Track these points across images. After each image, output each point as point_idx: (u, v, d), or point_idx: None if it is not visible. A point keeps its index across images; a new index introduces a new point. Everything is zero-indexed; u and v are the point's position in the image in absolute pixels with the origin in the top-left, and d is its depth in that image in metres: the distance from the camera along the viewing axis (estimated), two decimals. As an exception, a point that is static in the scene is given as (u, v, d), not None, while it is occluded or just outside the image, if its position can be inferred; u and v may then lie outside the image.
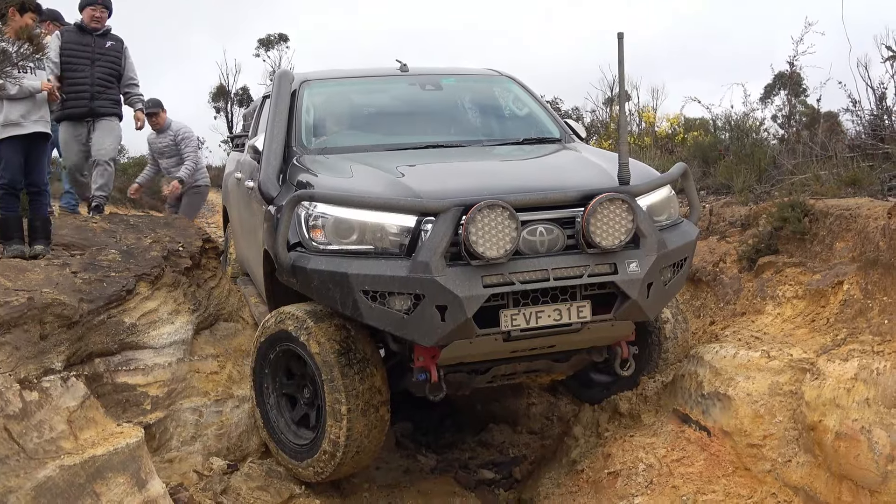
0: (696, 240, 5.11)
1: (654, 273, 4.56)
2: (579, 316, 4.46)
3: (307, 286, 4.62)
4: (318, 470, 4.88)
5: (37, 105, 5.58)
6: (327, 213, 4.59)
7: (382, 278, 4.33)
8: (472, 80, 7.05)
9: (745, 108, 10.78)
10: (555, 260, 4.43)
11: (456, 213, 4.31)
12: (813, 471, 4.06)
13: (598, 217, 4.41)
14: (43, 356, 4.18)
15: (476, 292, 4.23)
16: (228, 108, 30.06)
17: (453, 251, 4.32)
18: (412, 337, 4.38)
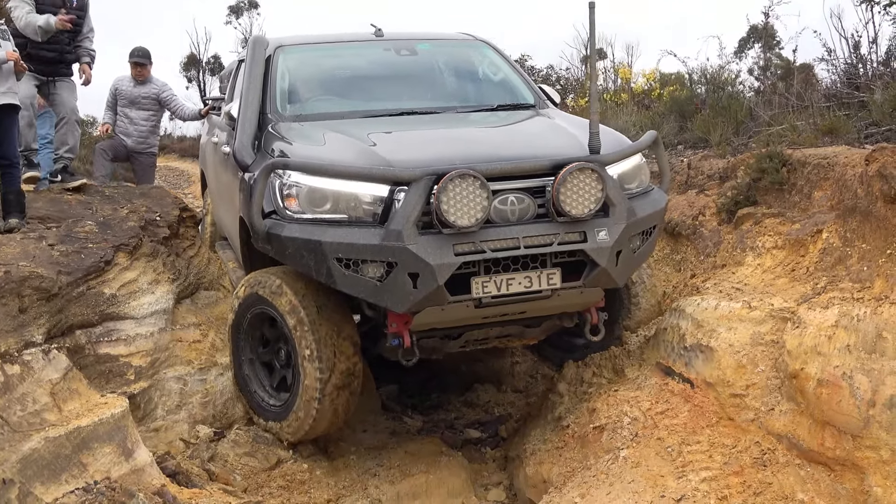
0: (666, 207, 5.19)
1: (623, 241, 4.65)
2: (549, 283, 4.55)
3: (282, 253, 4.67)
4: (296, 427, 4.95)
5: (3, 76, 5.47)
6: (301, 182, 4.62)
7: (355, 246, 4.39)
8: (447, 45, 7.03)
9: (721, 60, 10.78)
10: (525, 228, 4.51)
11: (428, 183, 4.36)
12: (796, 418, 4.10)
13: (567, 186, 4.48)
14: (23, 329, 4.15)
15: (447, 260, 4.31)
16: (200, 77, 29.73)
17: (425, 220, 4.39)
18: (385, 304, 4.47)
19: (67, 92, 7.02)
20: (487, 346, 5.56)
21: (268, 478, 4.89)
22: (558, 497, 4.40)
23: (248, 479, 4.83)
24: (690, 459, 4.23)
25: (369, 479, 5.13)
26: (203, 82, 29.55)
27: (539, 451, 5.14)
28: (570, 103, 14.57)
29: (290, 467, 4.99)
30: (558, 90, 16.01)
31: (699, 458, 4.22)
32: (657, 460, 4.30)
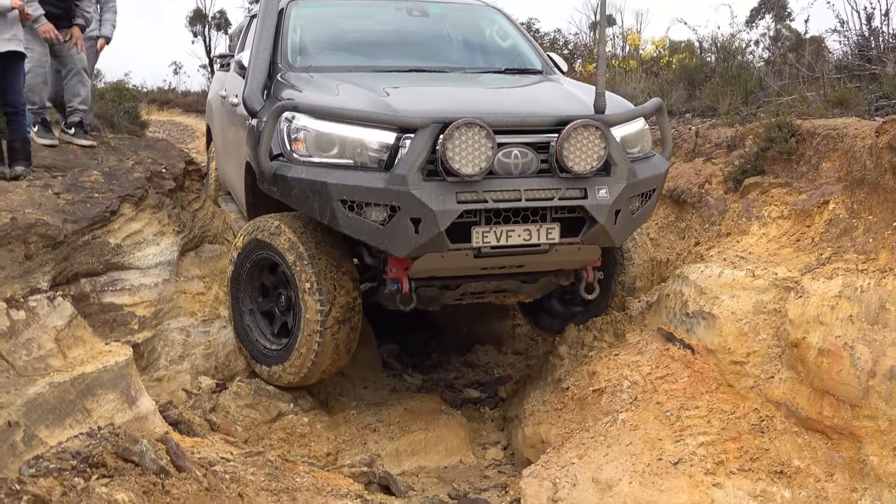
0: (666, 173, 5.25)
1: (622, 200, 4.74)
2: (548, 237, 4.65)
3: (287, 195, 4.73)
4: (299, 366, 5.01)
5: (8, 23, 5.42)
6: (309, 126, 4.67)
7: (360, 189, 4.46)
8: (459, 10, 7.07)
9: (732, 29, 10.69)
10: (528, 182, 4.59)
11: (434, 130, 4.43)
12: (795, 386, 4.12)
13: (571, 142, 4.55)
14: (28, 276, 4.17)
15: (450, 207, 4.40)
16: (206, 32, 29.49)
17: (430, 168, 4.45)
18: (386, 247, 4.55)
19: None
20: (483, 300, 5.62)
21: (268, 430, 4.93)
22: (556, 457, 4.44)
23: (249, 430, 4.87)
24: (689, 424, 4.26)
25: (369, 434, 5.17)
26: (209, 37, 29.33)
27: (538, 411, 5.18)
28: (577, 68, 14.49)
29: (291, 420, 5.03)
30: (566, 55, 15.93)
31: (697, 423, 4.26)
32: (655, 424, 4.34)
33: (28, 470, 3.08)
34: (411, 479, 4.84)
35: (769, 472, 3.92)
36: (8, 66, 5.44)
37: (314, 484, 3.94)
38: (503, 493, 4.63)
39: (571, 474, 4.19)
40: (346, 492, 3.96)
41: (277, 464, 4.04)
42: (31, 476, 3.01)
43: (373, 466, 4.63)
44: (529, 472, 4.40)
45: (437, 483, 4.84)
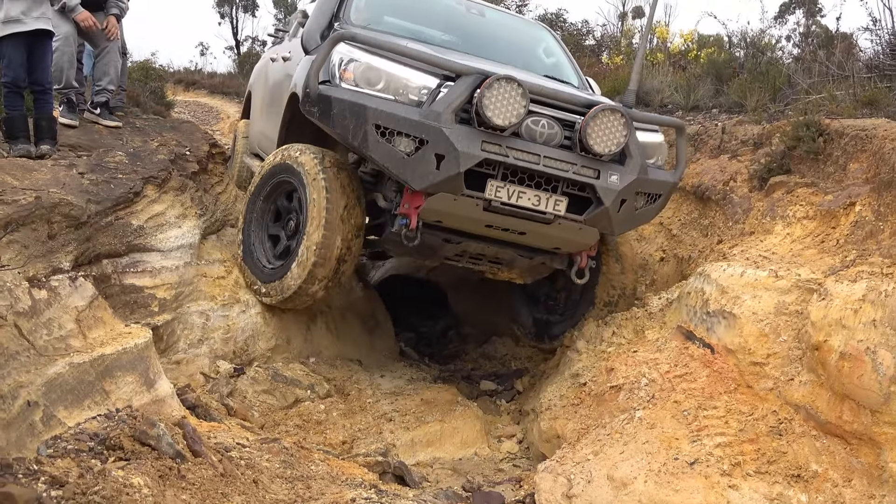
0: (675, 186, 5.50)
1: (630, 191, 5.04)
2: (555, 208, 4.95)
3: (326, 114, 4.98)
4: (283, 288, 5.31)
5: (37, 1, 5.44)
6: (360, 59, 5.00)
7: (395, 117, 4.73)
8: (514, 20, 7.64)
9: (763, 25, 10.58)
10: (549, 150, 4.88)
11: (476, 79, 4.76)
12: (815, 390, 4.08)
13: (596, 121, 4.85)
14: (51, 255, 4.18)
15: (473, 151, 4.69)
16: (233, 14, 29.53)
17: (463, 116, 4.76)
18: (406, 178, 4.79)
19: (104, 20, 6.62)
20: (478, 267, 5.77)
21: (285, 416, 4.95)
22: (571, 453, 4.43)
23: (266, 416, 4.89)
24: (706, 424, 4.23)
25: (384, 423, 5.18)
26: (236, 19, 29.38)
27: (554, 406, 5.17)
28: (604, 60, 14.39)
29: (307, 407, 5.05)
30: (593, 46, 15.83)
31: (715, 424, 4.22)
32: (672, 423, 4.31)
33: (46, 450, 3.10)
34: (426, 471, 4.84)
35: (786, 475, 3.89)
36: (36, 44, 5.46)
37: (329, 472, 3.94)
38: (517, 486, 4.62)
39: (587, 471, 4.18)
40: (360, 481, 3.96)
41: (293, 451, 4.05)
42: (49, 456, 3.03)
43: (388, 456, 4.64)
44: (544, 466, 4.39)
45: (452, 475, 4.83)
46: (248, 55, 26.43)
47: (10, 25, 5.33)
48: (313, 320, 5.91)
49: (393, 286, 7.78)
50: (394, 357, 6.50)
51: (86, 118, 6.52)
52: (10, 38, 5.34)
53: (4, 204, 4.06)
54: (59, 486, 2.72)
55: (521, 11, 19.26)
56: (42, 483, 2.72)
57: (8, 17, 5.33)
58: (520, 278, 5.99)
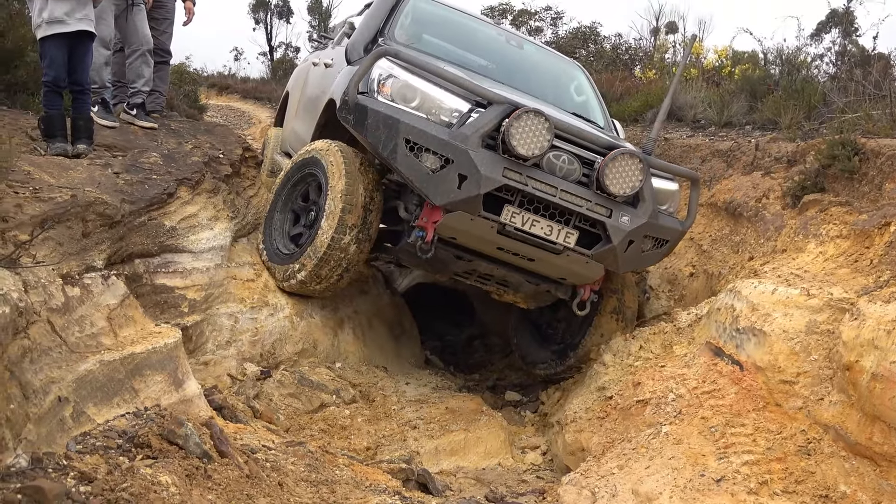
0: (683, 234, 5.70)
1: (638, 234, 5.27)
2: (565, 240, 5.16)
3: (361, 122, 5.22)
4: (296, 270, 5.53)
5: (81, 3, 5.49)
6: (399, 76, 5.25)
7: (426, 134, 4.96)
8: (549, 55, 7.87)
9: (799, 42, 10.52)
10: (566, 184, 5.10)
11: (506, 108, 4.99)
12: (845, 410, 4.04)
13: (615, 164, 5.08)
14: (85, 253, 4.22)
15: (495, 176, 4.90)
16: (268, 20, 29.74)
17: (490, 142, 4.97)
18: (428, 192, 4.98)
19: (141, 19, 6.70)
20: (485, 287, 5.92)
21: (310, 420, 4.96)
22: (596, 466, 4.41)
23: (291, 419, 4.91)
24: (733, 441, 4.20)
25: (409, 431, 5.17)
26: (270, 25, 29.58)
27: (580, 419, 5.15)
28: (637, 73, 14.36)
29: (333, 412, 5.06)
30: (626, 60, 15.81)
31: (742, 441, 4.19)
32: (699, 439, 4.28)
33: (75, 446, 3.13)
34: (449, 479, 4.82)
35: (814, 495, 3.85)
36: (78, 44, 5.52)
37: (353, 478, 3.94)
38: (540, 498, 4.59)
39: (611, 484, 4.15)
40: (384, 487, 3.96)
41: (318, 455, 4.05)
42: (79, 452, 3.05)
43: (411, 464, 4.63)
44: (568, 479, 4.38)
45: (475, 484, 4.82)
46: (282, 61, 26.64)
47: (53, 26, 5.40)
48: (340, 326, 5.93)
49: (420, 294, 7.80)
50: (419, 365, 6.50)
51: (122, 119, 6.57)
52: (53, 38, 5.41)
53: (41, 201, 4.10)
54: (88, 482, 2.73)
55: (556, 24, 19.27)
56: (71, 478, 2.74)
57: (52, 17, 5.39)
58: (524, 302, 6.15)
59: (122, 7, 6.49)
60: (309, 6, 28.65)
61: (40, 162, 4.83)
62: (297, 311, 5.61)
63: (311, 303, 5.78)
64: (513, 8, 20.80)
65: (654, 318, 6.23)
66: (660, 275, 7.07)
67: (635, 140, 7.67)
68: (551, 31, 19.32)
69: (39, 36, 5.45)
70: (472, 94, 5.15)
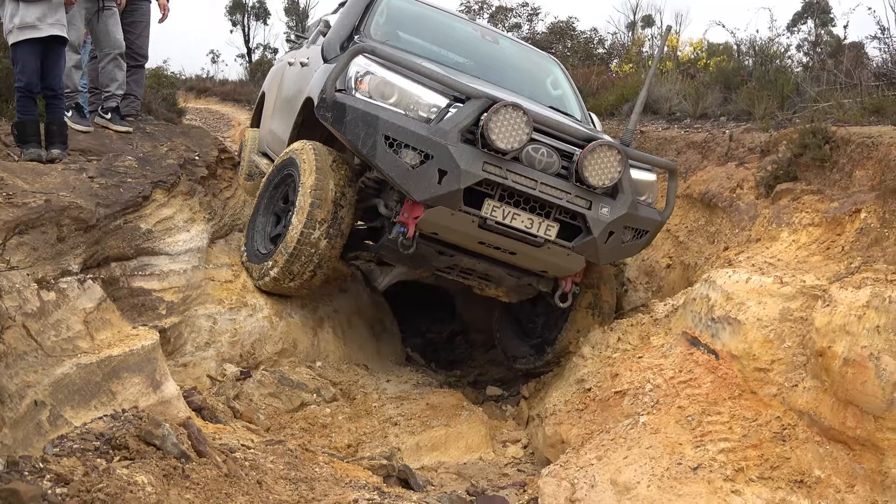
0: (662, 224, 5.76)
1: (618, 225, 5.30)
2: (546, 232, 5.18)
3: (339, 120, 5.22)
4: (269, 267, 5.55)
5: (52, 7, 5.49)
6: (377, 72, 5.26)
7: (405, 130, 4.98)
8: (525, 50, 7.91)
9: (771, 33, 10.61)
10: (546, 177, 5.12)
11: (484, 103, 5.01)
12: (819, 396, 4.08)
13: (594, 155, 5.12)
14: (60, 258, 4.21)
15: (475, 170, 4.92)
16: (245, 21, 29.66)
17: (469, 137, 5.00)
18: (409, 188, 4.98)
19: (113, 23, 6.64)
20: (467, 281, 5.93)
21: (290, 419, 4.97)
22: (575, 458, 4.44)
23: (272, 419, 4.92)
24: (710, 430, 4.24)
25: (390, 427, 5.20)
26: (247, 27, 29.51)
27: (559, 411, 5.18)
28: (613, 68, 14.42)
29: (313, 410, 5.07)
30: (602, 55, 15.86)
31: (718, 429, 4.23)
32: (676, 428, 4.32)
33: (52, 449, 3.13)
34: (430, 475, 4.85)
35: (789, 480, 3.89)
36: (50, 50, 5.51)
37: (333, 475, 3.96)
38: (521, 491, 4.63)
39: (590, 475, 4.19)
40: (364, 483, 3.98)
41: (297, 453, 4.07)
42: (55, 455, 3.06)
43: (392, 460, 4.65)
44: (548, 471, 4.41)
45: (456, 479, 4.85)
46: (260, 63, 26.58)
47: (25, 31, 5.39)
48: (320, 325, 5.94)
49: (400, 292, 7.81)
50: (400, 362, 6.52)
51: (96, 123, 6.56)
52: (25, 43, 5.40)
53: (14, 206, 4.09)
54: (64, 484, 2.74)
55: (532, 20, 19.31)
56: (47, 481, 2.74)
57: (24, 22, 5.38)
58: (506, 296, 6.14)
59: (92, 10, 6.44)
60: (286, 7, 28.65)
61: (14, 167, 4.82)
62: (276, 311, 5.62)
63: (291, 302, 5.79)
64: (490, 4, 20.83)
65: (632, 310, 6.29)
66: (637, 266, 7.12)
67: (612, 133, 7.70)
68: (528, 27, 19.35)
69: (11, 41, 5.44)
70: (449, 90, 5.17)
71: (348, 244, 5.68)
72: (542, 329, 6.41)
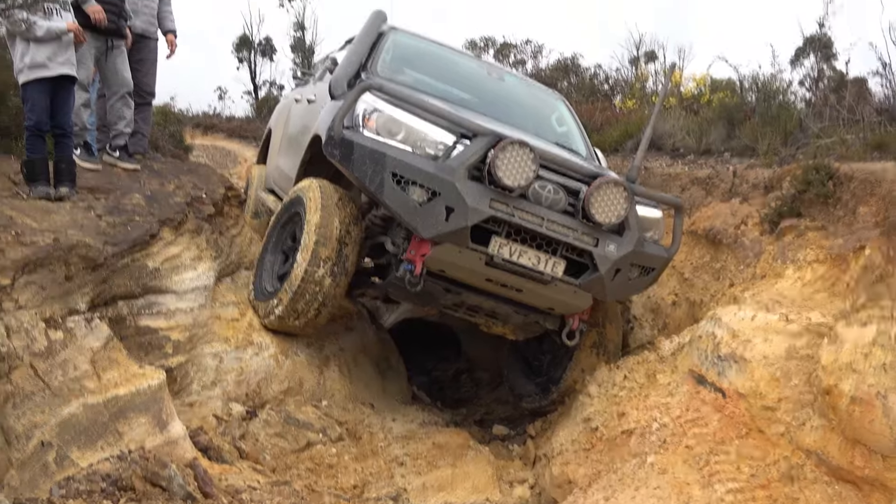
0: (668, 261, 5.69)
1: (625, 262, 5.27)
2: (553, 269, 5.17)
3: (347, 157, 5.21)
4: (274, 305, 5.52)
5: (63, 47, 5.56)
6: (384, 110, 5.26)
7: (412, 167, 4.96)
8: (531, 87, 7.94)
9: (774, 69, 10.68)
10: (552, 214, 5.12)
11: (491, 140, 5.02)
12: (826, 434, 4.07)
13: (600, 193, 5.11)
14: (68, 297, 4.23)
15: (482, 207, 4.92)
16: (252, 58, 29.85)
17: (475, 174, 5.00)
18: (416, 226, 4.97)
19: (121, 61, 6.74)
20: (474, 319, 5.89)
21: (296, 459, 4.95)
22: (583, 498, 4.42)
23: (278, 459, 4.89)
24: (718, 469, 4.22)
25: (396, 467, 5.17)
26: (254, 63, 29.70)
27: (566, 451, 5.16)
28: (617, 103, 14.49)
29: (319, 451, 5.05)
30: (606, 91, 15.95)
31: (726, 469, 4.21)
32: (684, 468, 4.30)
33: (59, 491, 3.13)
34: (436, 515, 4.82)
35: (798, 521, 3.87)
36: (59, 89, 5.58)
37: (339, 515, 3.94)
38: (528, 531, 4.61)
39: (597, 515, 4.16)
40: (370, 524, 3.96)
41: (303, 494, 4.06)
42: (62, 497, 3.06)
43: (399, 501, 4.63)
44: (555, 511, 4.38)
45: (462, 519, 4.82)
46: (266, 99, 26.69)
47: (35, 71, 5.45)
48: (326, 363, 5.93)
49: (406, 329, 7.80)
50: (406, 400, 6.49)
51: (105, 160, 6.62)
52: (35, 82, 5.46)
53: (23, 245, 4.12)
54: (71, 527, 2.74)
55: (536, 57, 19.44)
56: (54, 523, 2.74)
57: (34, 62, 5.45)
58: (512, 334, 6.12)
59: (102, 49, 6.53)
60: (292, 44, 28.83)
61: (23, 206, 4.86)
62: (282, 350, 5.61)
63: (297, 341, 5.79)
64: (495, 41, 20.98)
65: (638, 348, 6.26)
66: (643, 304, 7.11)
67: (617, 169, 7.73)
68: (532, 64, 19.47)
69: (22, 81, 5.51)
70: (456, 127, 5.18)
71: (354, 281, 5.68)
72: (548, 367, 6.39)
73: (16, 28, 5.36)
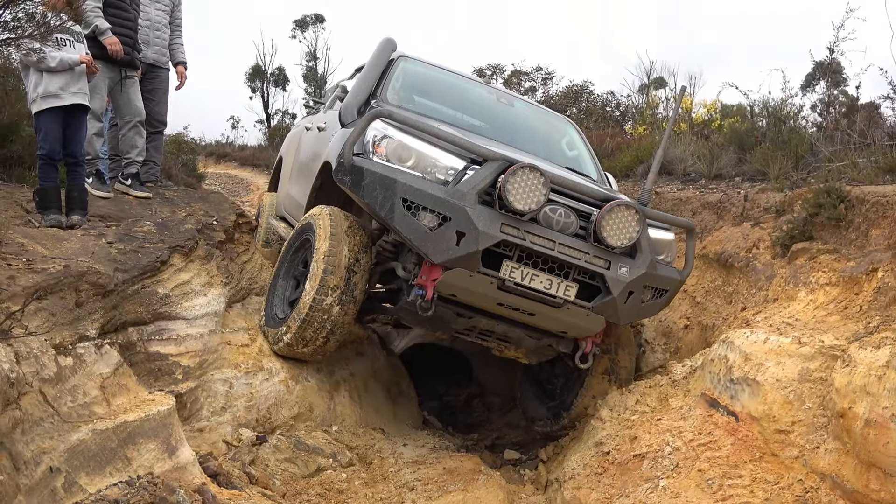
0: (681, 283, 5.70)
1: (637, 284, 5.28)
2: (565, 293, 5.16)
3: (357, 184, 5.24)
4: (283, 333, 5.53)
5: (75, 77, 5.63)
6: (394, 136, 5.30)
7: (422, 193, 4.98)
8: (540, 112, 7.97)
9: (784, 94, 10.69)
10: (564, 238, 5.12)
11: (501, 165, 5.03)
12: (841, 458, 4.02)
13: (612, 216, 5.11)
14: (78, 323, 4.24)
15: (493, 232, 4.93)
16: (264, 88, 30.15)
17: (486, 199, 5.01)
18: (427, 250, 4.97)
19: (134, 91, 6.85)
20: (486, 343, 5.87)
21: (306, 485, 4.93)
22: (595, 523, 4.37)
23: (288, 484, 4.87)
24: (731, 493, 4.17)
25: (407, 493, 5.13)
26: (267, 93, 29.97)
27: (578, 475, 5.11)
28: (628, 129, 14.52)
29: (329, 476, 5.03)
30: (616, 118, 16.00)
31: (740, 493, 4.16)
32: (697, 492, 4.25)
33: (66, 516, 3.12)
34: (447, 540, 4.78)
35: (813, 546, 3.82)
36: (72, 118, 5.64)
37: (348, 541, 3.91)
38: (540, 557, 4.56)
39: (609, 541, 4.12)
40: (380, 550, 3.93)
41: (313, 519, 4.03)
42: (69, 522, 3.05)
43: (409, 525, 4.59)
44: (567, 536, 4.34)
45: (474, 545, 4.77)
46: (279, 128, 26.92)
47: (48, 100, 5.52)
48: (336, 388, 5.92)
49: (417, 354, 7.79)
50: (417, 425, 6.47)
51: (116, 189, 6.67)
52: (48, 112, 5.52)
53: (34, 272, 4.14)
54: (78, 552, 2.73)
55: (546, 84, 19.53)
56: (61, 548, 2.73)
57: (47, 92, 5.52)
58: (525, 358, 6.09)
59: (115, 80, 6.60)
60: (304, 73, 29.11)
61: (34, 234, 4.89)
62: (292, 375, 5.61)
63: (307, 366, 5.78)
64: (503, 69, 21.11)
65: (650, 372, 6.24)
66: (655, 328, 7.09)
67: (628, 194, 7.74)
68: (542, 91, 19.57)
69: (35, 110, 5.57)
70: (466, 152, 5.19)
71: (365, 307, 5.67)
72: (560, 392, 6.36)
73: (27, 59, 5.43)
